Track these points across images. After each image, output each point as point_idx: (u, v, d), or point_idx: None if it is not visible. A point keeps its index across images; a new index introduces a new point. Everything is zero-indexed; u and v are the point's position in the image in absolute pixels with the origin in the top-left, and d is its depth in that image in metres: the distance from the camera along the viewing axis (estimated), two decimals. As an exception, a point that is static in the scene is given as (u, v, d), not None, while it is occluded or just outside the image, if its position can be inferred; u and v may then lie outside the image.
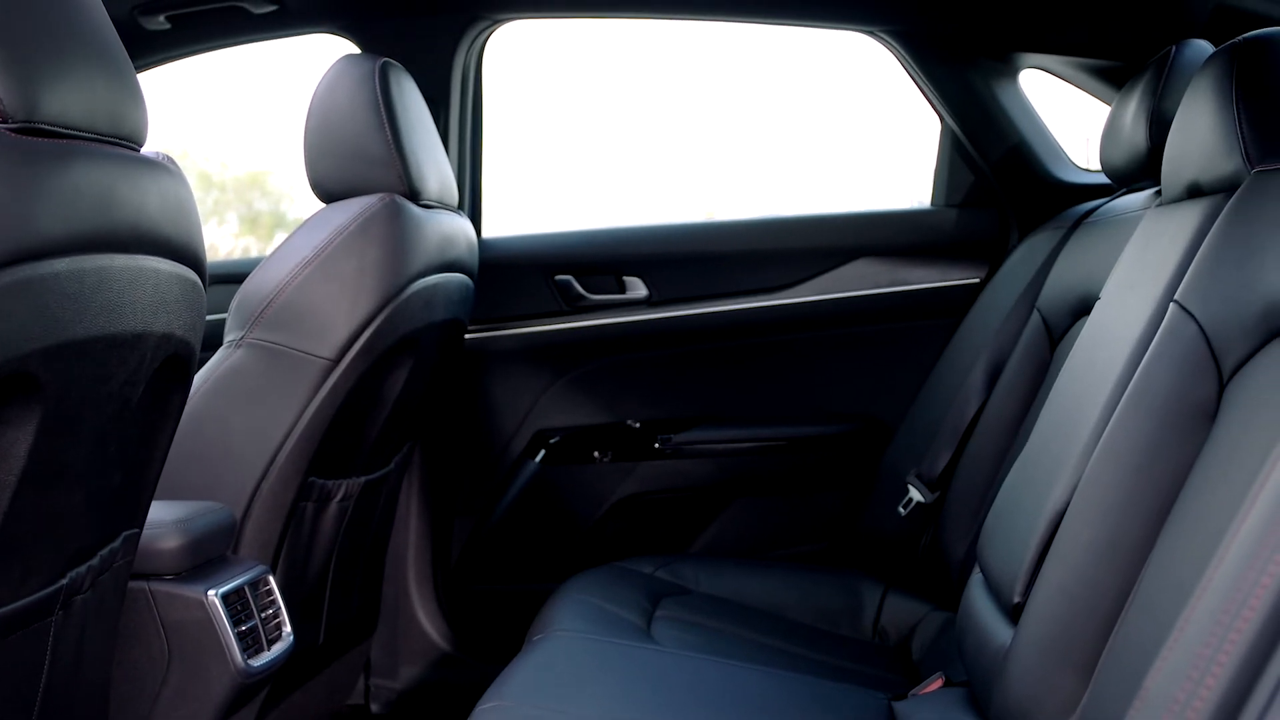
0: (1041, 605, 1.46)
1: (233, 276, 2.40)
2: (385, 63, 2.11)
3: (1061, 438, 1.64)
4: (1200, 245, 1.49)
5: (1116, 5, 2.34)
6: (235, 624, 1.72)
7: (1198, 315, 1.39)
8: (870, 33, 2.61)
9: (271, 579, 1.87)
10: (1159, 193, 2.01)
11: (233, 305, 2.02)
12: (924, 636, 2.23)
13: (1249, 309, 1.31)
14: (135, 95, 1.25)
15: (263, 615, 1.80)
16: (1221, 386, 1.34)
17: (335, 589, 2.26)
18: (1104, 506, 1.41)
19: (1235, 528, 0.83)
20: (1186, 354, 1.38)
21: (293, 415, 1.95)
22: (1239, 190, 1.42)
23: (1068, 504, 1.50)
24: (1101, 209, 2.31)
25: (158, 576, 1.69)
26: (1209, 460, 1.31)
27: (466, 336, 2.64)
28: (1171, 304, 1.44)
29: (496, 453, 2.73)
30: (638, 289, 2.74)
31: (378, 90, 2.07)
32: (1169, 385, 1.39)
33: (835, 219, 2.82)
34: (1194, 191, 1.61)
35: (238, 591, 1.75)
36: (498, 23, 2.57)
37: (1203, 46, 1.97)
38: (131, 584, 1.61)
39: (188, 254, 1.34)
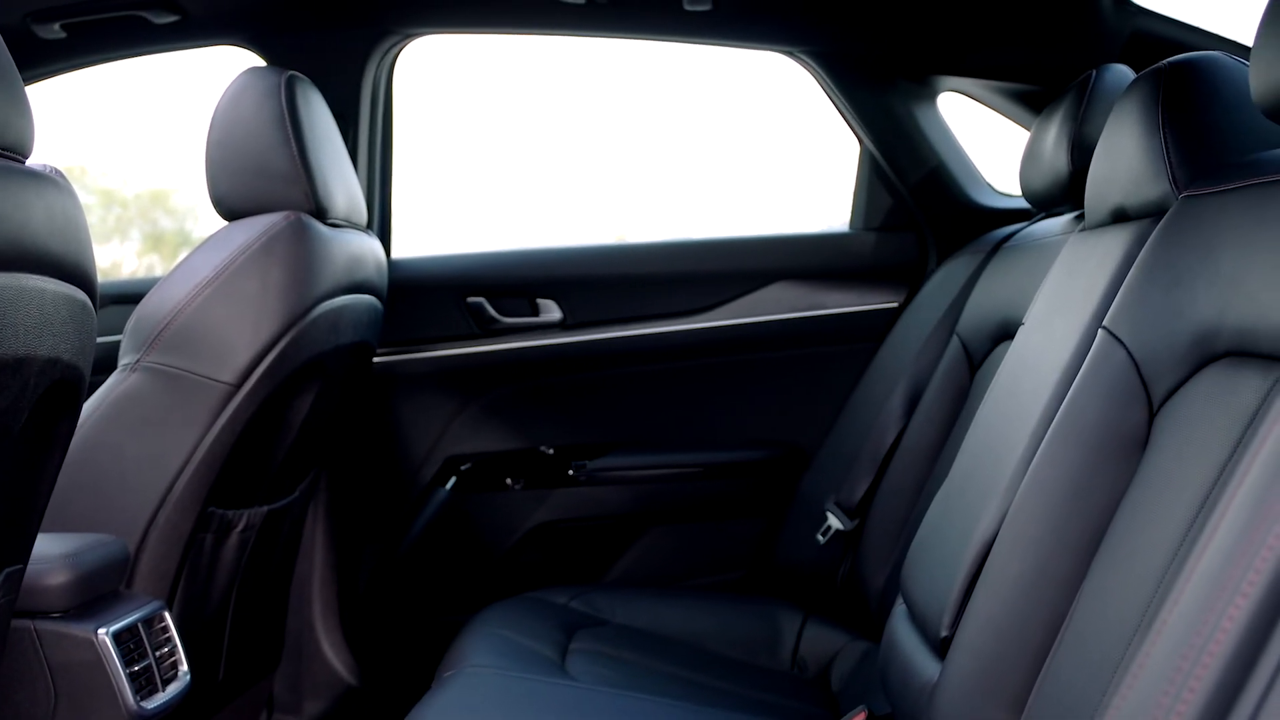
0: (970, 639, 1.43)
1: (129, 296, 2.30)
2: (292, 76, 2.03)
3: (987, 466, 1.61)
4: (1128, 271, 1.47)
5: (1034, 30, 2.34)
6: (127, 664, 1.63)
7: (1127, 342, 1.36)
8: (789, 53, 2.59)
9: (167, 615, 1.78)
10: (1079, 217, 2.00)
11: (128, 327, 1.93)
12: (843, 667, 2.20)
13: (1179, 336, 1.29)
14: (19, 104, 1.17)
15: (157, 654, 1.71)
16: (1151, 415, 1.32)
17: (236, 623, 2.17)
18: (1033, 538, 1.38)
19: (1188, 569, 0.80)
20: (1115, 381, 1.36)
21: (191, 443, 1.87)
22: (1167, 215, 1.40)
23: (995, 535, 1.47)
24: (1020, 234, 2.30)
25: (44, 615, 1.60)
26: (1140, 491, 1.29)
27: (375, 360, 2.56)
28: (1100, 330, 1.42)
29: (406, 480, 2.66)
30: (552, 312, 2.68)
31: (284, 104, 1.99)
32: (1098, 413, 1.36)
33: (752, 242, 2.79)
34: (1119, 216, 1.60)
35: (130, 630, 1.66)
36: (409, 38, 2.51)
37: (1123, 71, 1.97)
38: (15, 623, 1.52)
39: (76, 273, 1.26)
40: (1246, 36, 2.20)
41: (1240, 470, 1.03)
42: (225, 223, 2.02)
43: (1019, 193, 2.65)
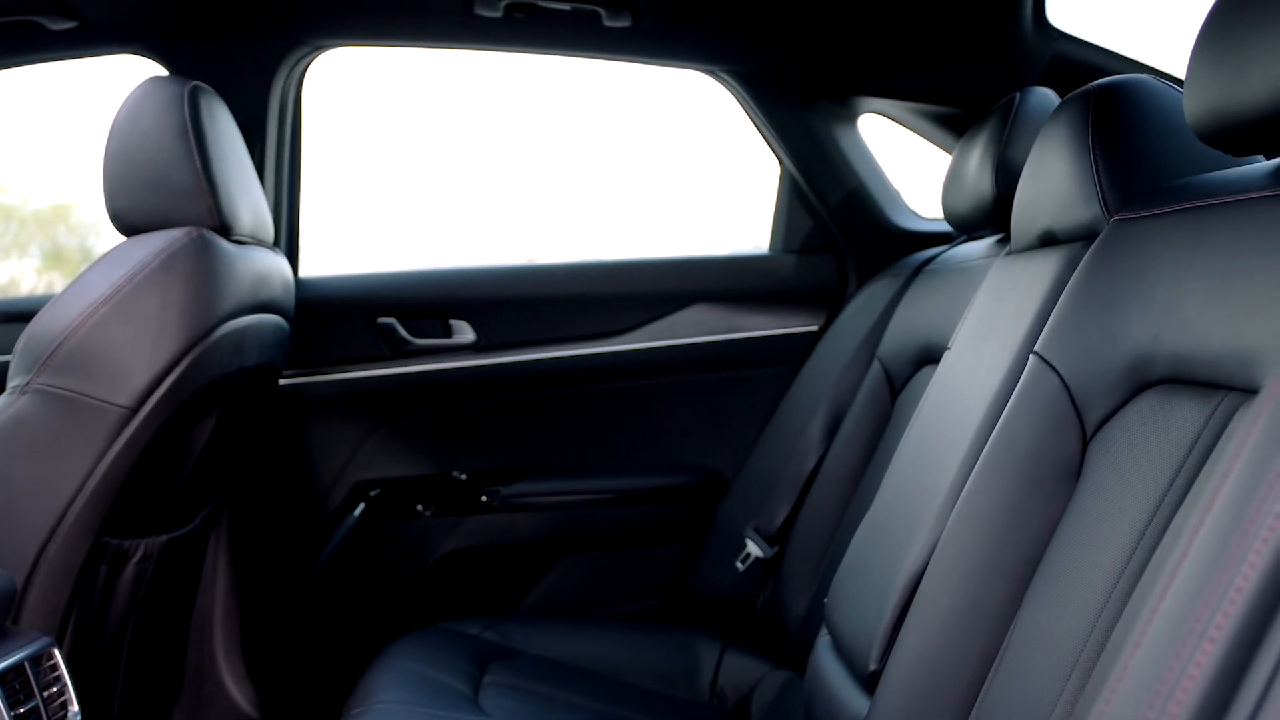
0: (900, 673, 1.39)
1: (22, 314, 2.19)
2: (196, 86, 1.95)
3: (915, 494, 1.58)
4: (1059, 295, 1.45)
5: (956, 53, 2.33)
6: (12, 705, 1.53)
7: (1059, 368, 1.34)
8: (710, 72, 2.56)
9: (57, 652, 1.68)
10: (1002, 241, 1.99)
11: (18, 347, 1.83)
12: (763, 697, 2.16)
13: (1113, 362, 1.26)
14: None
15: (45, 693, 1.61)
16: (1085, 442, 1.30)
17: (132, 658, 2.07)
18: (965, 568, 1.34)
19: (1147, 610, 0.76)
20: (1048, 408, 1.33)
21: (84, 470, 1.77)
22: (1098, 239, 1.38)
23: (925, 565, 1.44)
24: (940, 257, 2.29)
25: (-78, 654, 1.50)
26: (1075, 519, 1.26)
27: (281, 382, 2.48)
28: (1031, 356, 1.39)
29: (312, 506, 2.57)
30: (465, 333, 2.62)
31: (186, 115, 1.90)
32: (1031, 441, 1.33)
33: (670, 263, 2.75)
34: (1047, 240, 1.58)
35: (16, 669, 1.56)
36: (319, 49, 2.43)
37: (1047, 94, 1.95)
38: (-109, 663, 1.42)
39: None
40: (1164, 62, 2.22)
41: (1198, 501, 1.01)
42: (124, 238, 1.93)
43: (937, 216, 2.67)
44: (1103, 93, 1.49)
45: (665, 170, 3.98)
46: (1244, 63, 1.08)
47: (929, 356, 2.06)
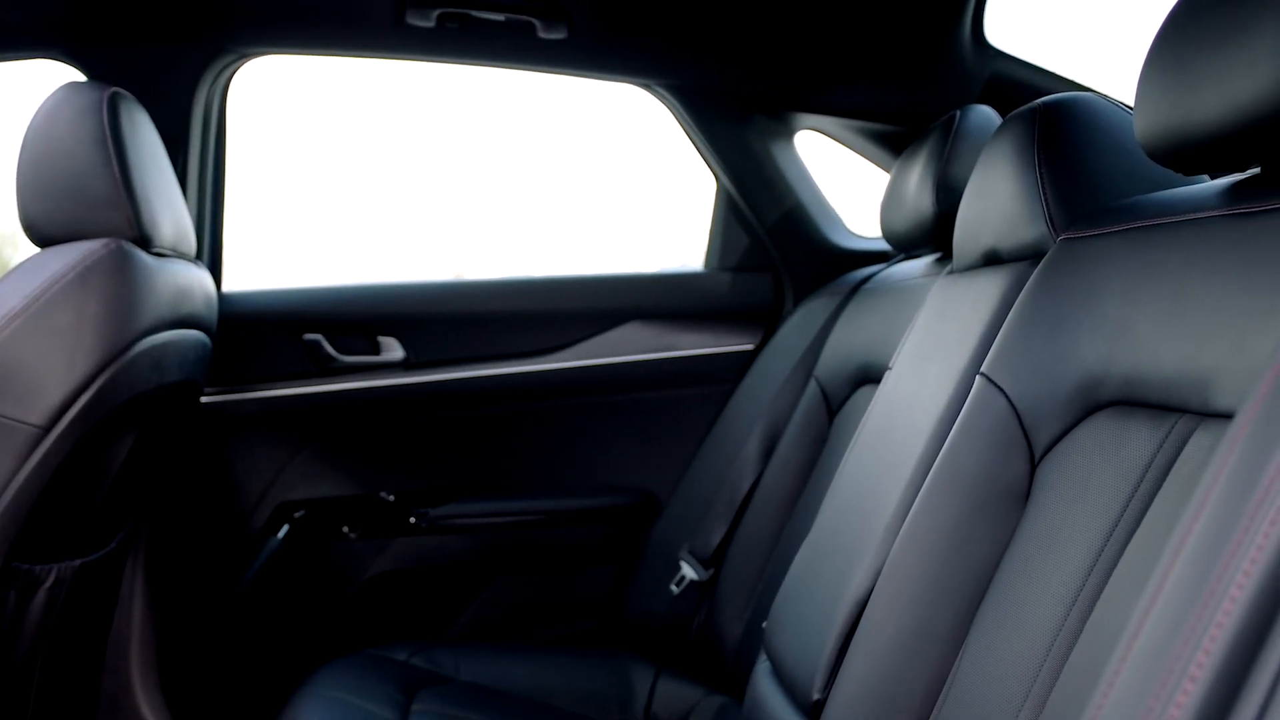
0: (845, 702, 1.35)
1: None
2: (115, 93, 1.88)
3: (857, 518, 1.55)
4: (1004, 315, 1.43)
5: (894, 70, 2.31)
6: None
7: (1007, 389, 1.31)
8: (646, 86, 2.52)
9: (-39, 683, 1.60)
10: (941, 259, 1.97)
11: (-76, 363, 1.75)
12: (699, 723, 2.11)
13: (1062, 383, 1.24)
14: None
15: (-52, 727, 1.54)
16: (1033, 465, 1.27)
17: (43, 686, 1.98)
18: (912, 594, 1.31)
19: (1122, 648, 0.72)
20: (996, 430, 1.30)
21: (-8, 491, 1.69)
22: (1045, 258, 1.36)
23: (870, 591, 1.40)
24: (878, 276, 2.27)
25: None
26: (1024, 544, 1.23)
27: (203, 400, 2.41)
28: (978, 377, 1.36)
29: (235, 528, 2.49)
30: (394, 350, 2.55)
31: (105, 122, 1.83)
32: (978, 463, 1.31)
33: (604, 280, 2.70)
34: (991, 259, 1.56)
35: (-84, 702, 1.49)
36: (245, 57, 2.36)
37: (988, 112, 1.94)
38: None
39: None
40: (1099, 82, 2.22)
41: (1160, 529, 0.98)
42: (39, 250, 1.85)
43: (873, 234, 2.65)
44: (1048, 110, 1.48)
45: (600, 186, 3.94)
46: (1197, 80, 1.06)
47: (867, 376, 2.04)
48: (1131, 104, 1.19)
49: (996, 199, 1.52)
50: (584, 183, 3.96)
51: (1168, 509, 1.04)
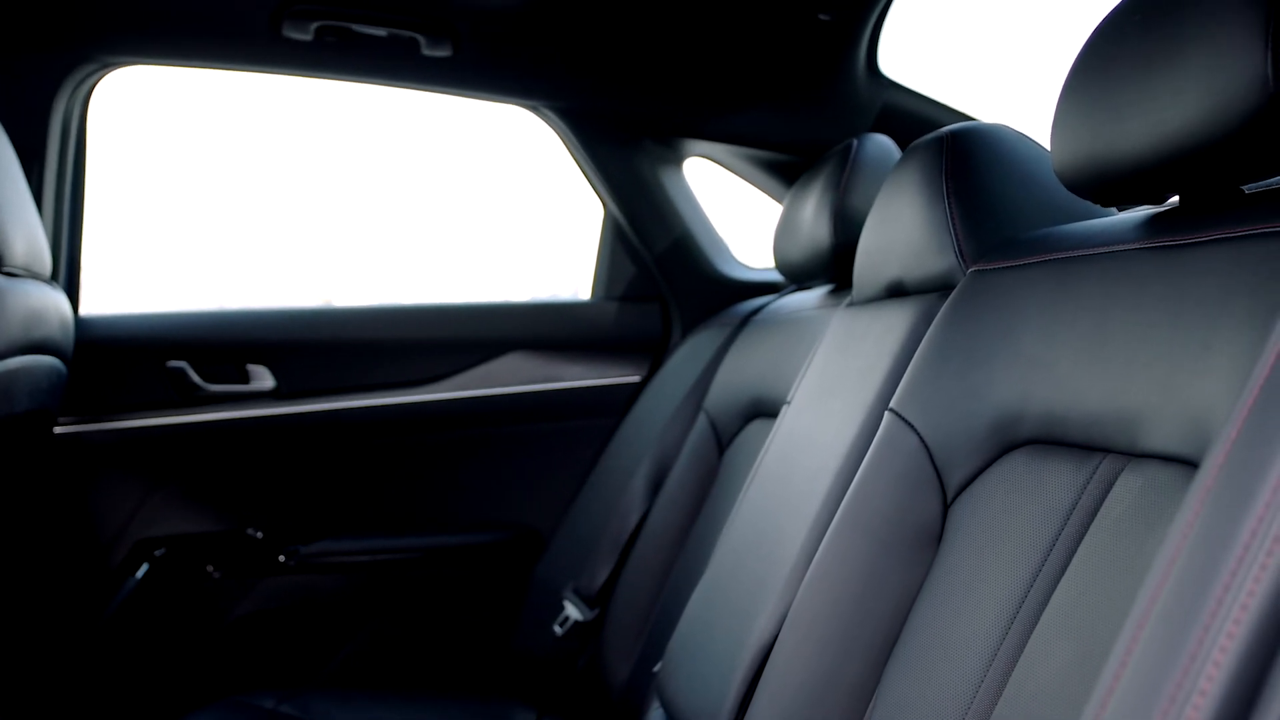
0: (749, 754, 1.28)
1: None
2: (-37, 101, 1.75)
3: (759, 558, 1.48)
4: (913, 348, 1.38)
5: (786, 98, 2.28)
6: None
7: (918, 426, 1.26)
8: (533, 108, 2.46)
9: None
10: (835, 291, 1.93)
11: None
12: (583, 770, 2.03)
13: (977, 420, 1.19)
14: None
15: None
16: (946, 505, 1.22)
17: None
18: (820, 639, 1.25)
19: (1096, 704, 0.67)
20: (907, 469, 1.25)
21: None
22: (956, 291, 1.31)
23: (775, 636, 1.34)
24: (769, 307, 2.23)
25: None
26: (938, 587, 1.18)
27: (56, 430, 2.26)
28: (887, 413, 1.31)
29: (91, 567, 2.35)
30: (264, 379, 2.44)
31: (-48, 133, 1.70)
32: (888, 503, 1.25)
33: (486, 309, 2.62)
34: (896, 290, 1.51)
35: None
36: (108, 67, 2.23)
37: (885, 141, 1.91)
38: None
39: None
40: (992, 114, 2.21)
41: (1107, 577, 0.93)
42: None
43: (761, 265, 2.61)
44: (957, 139, 1.44)
45: (484, 211, 3.85)
46: (1120, 108, 1.03)
47: (760, 410, 1.99)
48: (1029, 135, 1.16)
49: (902, 229, 1.48)
50: (466, 208, 3.86)
51: (1097, 554, 0.99)
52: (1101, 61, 1.07)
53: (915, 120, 2.26)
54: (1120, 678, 0.64)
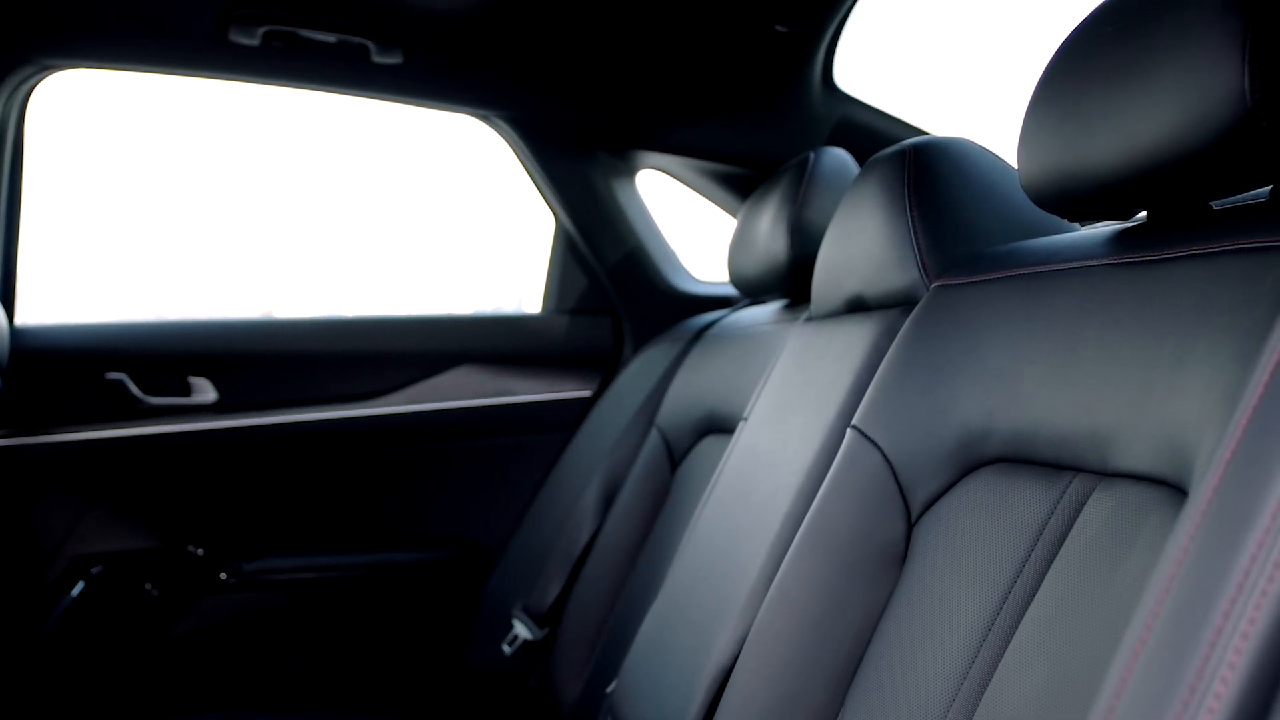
0: (710, 779, 1.25)
1: None
2: (-105, 102, 1.69)
3: (718, 578, 1.45)
4: (875, 364, 1.36)
5: (741, 111, 2.26)
6: None
7: (881, 444, 1.24)
8: (484, 117, 2.42)
9: None
10: (791, 305, 1.91)
11: None
12: (533, 792, 1.99)
13: (941, 438, 1.17)
14: None
15: None
16: (910, 524, 1.20)
17: None
18: (782, 661, 1.22)
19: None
20: (870, 487, 1.23)
21: None
22: (920, 306, 1.29)
23: (735, 657, 1.31)
24: (723, 322, 2.21)
25: None
26: (902, 610, 1.16)
27: (-11, 443, 2.19)
28: (849, 430, 1.29)
29: (23, 585, 2.27)
30: (206, 392, 2.38)
31: (-118, 134, 1.64)
32: (851, 523, 1.23)
33: (434, 321, 2.58)
34: (856, 305, 1.49)
35: None
36: (48, 70, 2.17)
37: (842, 155, 1.89)
38: None
39: None
40: (947, 128, 2.20)
41: (1087, 602, 0.91)
42: None
43: (713, 278, 2.59)
44: (919, 152, 1.42)
45: (433, 222, 3.81)
46: (1090, 121, 1.01)
47: (713, 425, 1.96)
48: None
49: (863, 243, 1.45)
50: (414, 218, 3.82)
51: (1070, 574, 0.97)
52: (1072, 72, 1.05)
53: (870, 134, 2.25)
54: (1114, 710, 0.61)
